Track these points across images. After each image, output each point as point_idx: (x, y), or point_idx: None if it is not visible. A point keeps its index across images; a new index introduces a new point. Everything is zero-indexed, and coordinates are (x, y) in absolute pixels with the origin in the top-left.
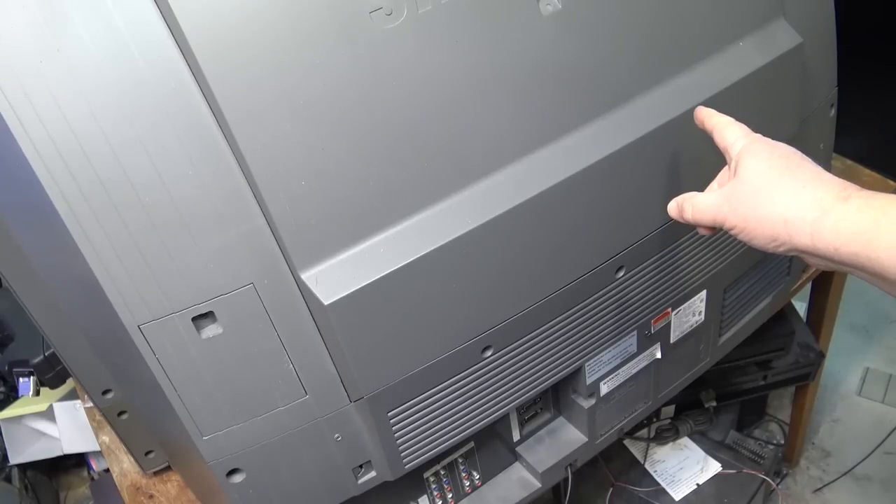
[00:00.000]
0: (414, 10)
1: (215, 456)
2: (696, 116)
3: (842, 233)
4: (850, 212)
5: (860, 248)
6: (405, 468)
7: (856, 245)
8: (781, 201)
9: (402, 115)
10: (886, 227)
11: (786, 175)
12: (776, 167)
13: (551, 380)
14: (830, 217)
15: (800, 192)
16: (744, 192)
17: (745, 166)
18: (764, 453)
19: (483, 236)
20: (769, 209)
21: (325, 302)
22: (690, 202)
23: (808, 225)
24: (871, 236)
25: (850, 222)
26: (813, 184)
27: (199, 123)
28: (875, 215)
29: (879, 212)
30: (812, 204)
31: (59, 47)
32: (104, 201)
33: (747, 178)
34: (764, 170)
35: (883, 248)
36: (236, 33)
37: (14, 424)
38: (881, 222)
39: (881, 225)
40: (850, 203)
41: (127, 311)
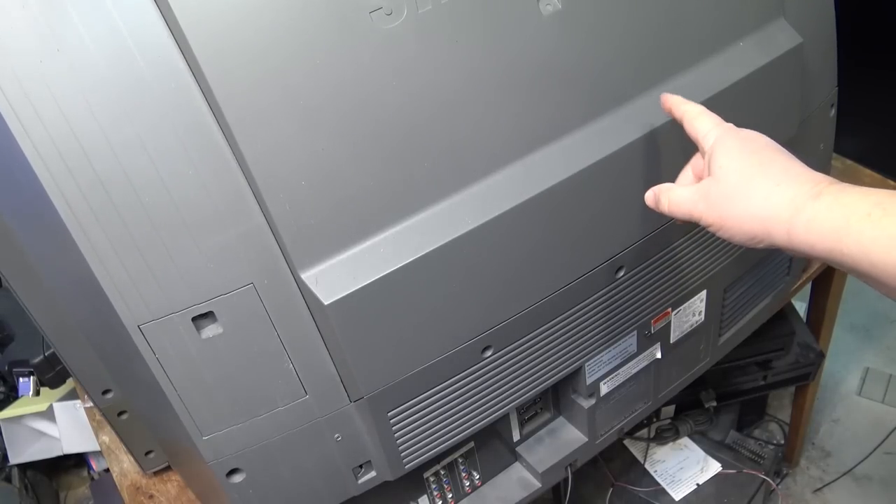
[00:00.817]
0: (414, 10)
1: (215, 456)
2: (663, 104)
3: (815, 231)
4: (821, 210)
5: (833, 244)
6: (405, 468)
7: (829, 242)
8: (756, 201)
9: (402, 115)
10: (856, 224)
11: (759, 173)
12: (749, 164)
13: (551, 380)
14: (804, 215)
15: (773, 190)
16: (719, 191)
17: (718, 164)
18: (764, 453)
19: (483, 236)
20: (745, 208)
21: (325, 302)
22: (667, 195)
23: (783, 223)
24: (842, 234)
25: (822, 220)
26: (786, 181)
27: (199, 123)
28: (845, 213)
29: (849, 209)
30: (786, 203)
31: (59, 47)
32: (104, 201)
33: (721, 177)
34: (737, 167)
35: (853, 245)
36: (236, 33)
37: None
38: (850, 220)
39: (850, 223)
40: (821, 201)
41: (127, 311)
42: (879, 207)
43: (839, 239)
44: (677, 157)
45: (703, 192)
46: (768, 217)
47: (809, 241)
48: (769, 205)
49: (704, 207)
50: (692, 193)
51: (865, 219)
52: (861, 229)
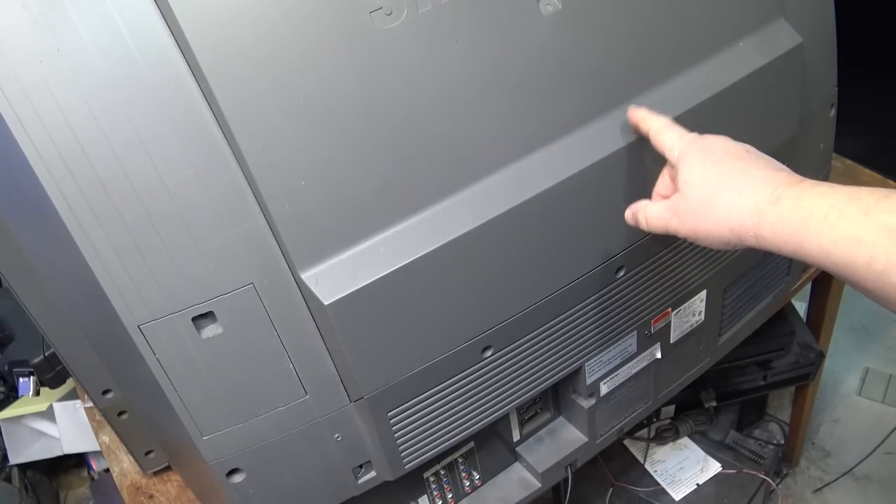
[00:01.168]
0: (414, 10)
1: (215, 456)
2: (630, 118)
3: (779, 235)
4: (782, 215)
5: (797, 247)
6: (405, 468)
7: (793, 245)
8: (721, 213)
9: (402, 115)
10: (815, 227)
11: (721, 184)
12: (710, 176)
13: (551, 380)
14: (767, 221)
15: (735, 200)
16: (687, 206)
17: (682, 180)
18: (764, 453)
19: (483, 236)
20: (713, 220)
21: (325, 302)
22: (644, 213)
23: (750, 230)
24: (803, 237)
25: (784, 224)
26: (747, 188)
27: (199, 123)
28: (804, 216)
29: (807, 212)
30: (749, 210)
31: (59, 47)
32: (104, 201)
33: (686, 193)
34: (699, 182)
35: (814, 248)
36: (236, 33)
37: (14, 424)
38: (809, 223)
39: (810, 226)
40: (781, 205)
41: (127, 311)
42: (836, 210)
43: (801, 242)
44: None
45: (672, 208)
46: (735, 226)
47: (776, 244)
48: (733, 215)
49: (677, 223)
50: (664, 210)
51: (823, 221)
52: (820, 231)
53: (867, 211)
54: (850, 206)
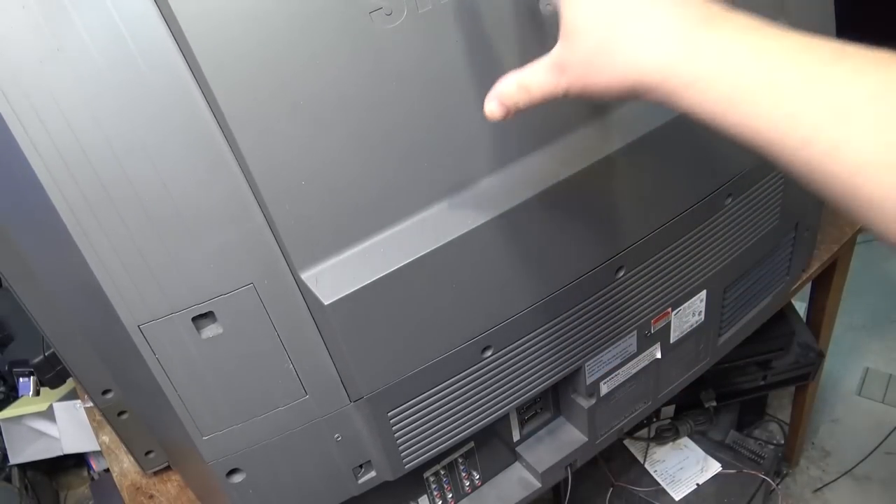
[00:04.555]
0: (414, 10)
1: (215, 456)
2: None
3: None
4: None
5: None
6: (405, 468)
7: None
8: (620, 63)
9: (403, 115)
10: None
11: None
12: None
13: (551, 380)
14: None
15: (638, 47)
16: (576, 58)
17: (569, 26)
18: (764, 453)
19: (483, 236)
20: (610, 73)
21: (325, 302)
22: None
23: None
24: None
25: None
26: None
27: (199, 123)
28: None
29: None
30: (655, 62)
31: (59, 47)
32: (104, 201)
33: (575, 41)
34: (590, 27)
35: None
36: (236, 33)
37: (14, 424)
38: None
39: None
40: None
41: (127, 311)
42: (774, 77)
43: (724, 112)
44: (678, 156)
45: (559, 64)
46: (637, 82)
47: (689, 108)
48: (634, 67)
49: (567, 82)
50: (548, 70)
51: (756, 92)
52: (754, 103)
53: (813, 80)
54: (791, 71)
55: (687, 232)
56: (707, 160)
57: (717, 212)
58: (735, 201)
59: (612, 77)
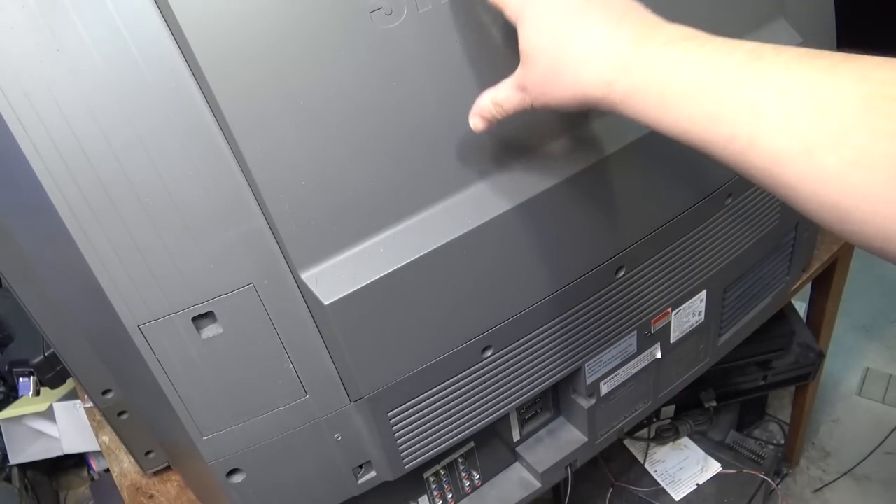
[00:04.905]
0: (414, 10)
1: (215, 456)
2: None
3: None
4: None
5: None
6: (405, 468)
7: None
8: (569, 82)
9: (403, 115)
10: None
11: (562, 52)
12: (551, 45)
13: (551, 380)
14: (618, 91)
15: (580, 69)
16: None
17: (523, 51)
18: (764, 453)
19: (483, 236)
20: (562, 90)
21: (325, 302)
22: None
23: (601, 99)
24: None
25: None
26: (590, 55)
27: (199, 123)
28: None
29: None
30: (596, 81)
31: (59, 47)
32: (104, 201)
33: (530, 65)
34: (539, 53)
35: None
36: (236, 33)
37: (14, 424)
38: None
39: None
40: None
41: (127, 311)
42: (694, 83)
43: (658, 117)
44: (678, 156)
45: (520, 84)
46: (585, 96)
47: (631, 115)
48: (581, 86)
49: (530, 98)
50: (514, 90)
51: (681, 96)
52: (679, 108)
53: (728, 83)
54: (710, 77)
55: (687, 232)
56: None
57: (717, 212)
58: (735, 201)
59: (564, 94)
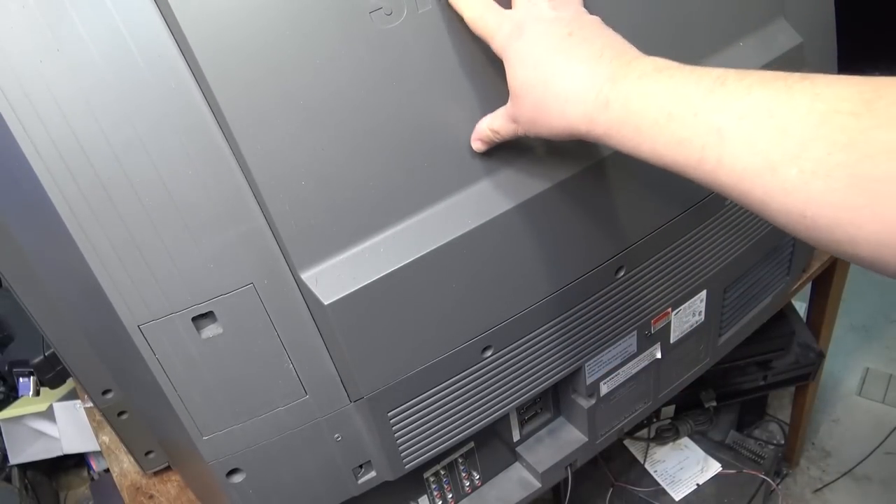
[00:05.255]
0: (414, 10)
1: (215, 456)
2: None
3: (614, 138)
4: (613, 120)
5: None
6: (405, 468)
7: (628, 147)
8: (555, 117)
9: (403, 115)
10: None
11: (547, 90)
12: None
13: (551, 380)
14: (599, 126)
15: (564, 106)
16: (522, 112)
17: (511, 86)
18: (764, 453)
19: (483, 236)
20: (549, 123)
21: (325, 302)
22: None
23: (585, 133)
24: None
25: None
26: (572, 93)
27: (199, 123)
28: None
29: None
30: (579, 116)
31: (59, 47)
32: (104, 201)
33: (518, 99)
34: (527, 90)
35: (647, 150)
36: (236, 33)
37: (14, 424)
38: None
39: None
40: (610, 110)
41: (127, 311)
42: (664, 113)
43: (636, 145)
44: None
45: (512, 115)
46: (571, 129)
47: (614, 146)
48: (566, 121)
49: (522, 129)
50: (507, 120)
51: (654, 126)
52: (653, 137)
53: (696, 111)
54: (679, 106)
55: (687, 232)
56: None
57: (717, 212)
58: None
59: (552, 128)
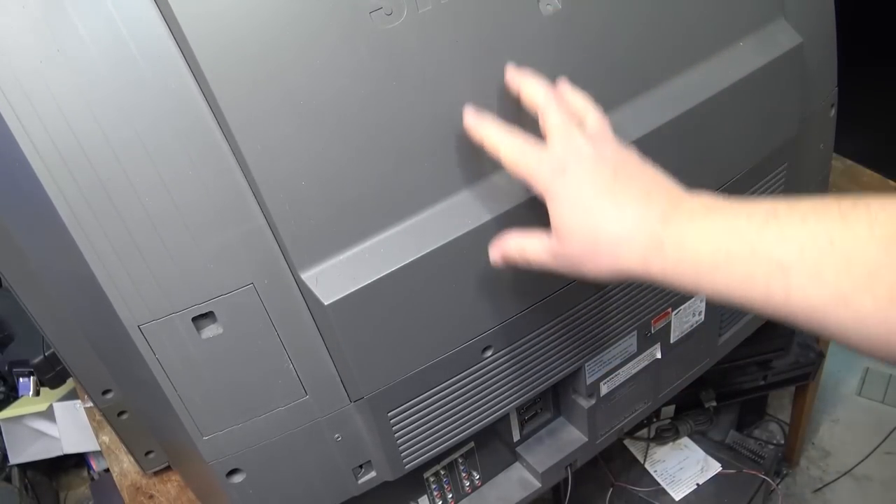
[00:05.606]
0: (414, 10)
1: (215, 456)
2: (470, 131)
3: (671, 278)
4: (669, 261)
5: (692, 288)
6: (405, 468)
7: (688, 286)
8: (605, 260)
9: (402, 115)
10: (706, 272)
11: (597, 234)
12: (585, 226)
13: (551, 380)
14: (655, 266)
15: (616, 249)
16: (567, 253)
17: (556, 226)
18: (764, 453)
19: (483, 236)
20: (598, 267)
21: (325, 302)
22: (521, 251)
23: (640, 274)
24: (697, 281)
25: (673, 270)
26: (625, 236)
27: (199, 123)
28: (693, 261)
29: (694, 256)
30: (633, 258)
31: (59, 47)
32: (104, 201)
33: (564, 241)
34: (574, 233)
35: (708, 289)
36: (236, 33)
37: (14, 424)
38: (699, 268)
39: (700, 271)
40: (665, 251)
41: (127, 311)
42: (722, 252)
43: (696, 285)
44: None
45: (552, 252)
46: (623, 271)
47: (670, 285)
48: (618, 263)
49: (562, 267)
50: (546, 254)
51: (713, 266)
52: (713, 276)
53: (753, 247)
54: (735, 244)
55: None
56: (705, 161)
57: None
58: None
59: (601, 270)
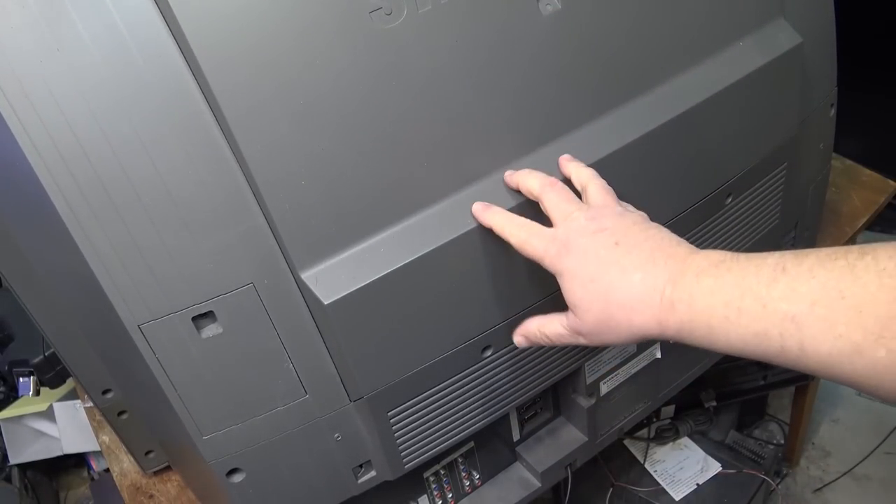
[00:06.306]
0: (414, 10)
1: (215, 456)
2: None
3: (686, 336)
4: (682, 321)
5: (707, 344)
6: (405, 468)
7: (703, 343)
8: (623, 328)
9: (402, 115)
10: (719, 328)
11: (610, 307)
12: (597, 300)
13: (551, 379)
14: (670, 328)
15: (631, 317)
16: (587, 328)
17: (571, 303)
18: (764, 453)
19: (483, 236)
20: (617, 335)
21: (325, 302)
22: (544, 331)
23: (657, 336)
24: (711, 337)
25: (688, 329)
26: (637, 304)
27: (199, 123)
28: (705, 319)
29: (706, 314)
30: (648, 324)
31: (59, 47)
32: (104, 201)
33: (581, 317)
34: (588, 307)
35: (722, 344)
36: (236, 33)
37: (14, 424)
38: (712, 325)
39: (713, 328)
40: (677, 311)
41: (127, 310)
42: (733, 308)
43: (711, 341)
44: (676, 156)
45: (574, 329)
46: (642, 336)
47: (687, 342)
48: (634, 330)
49: (585, 340)
50: (568, 332)
51: (725, 322)
52: (726, 332)
53: (764, 303)
54: (746, 300)
55: (687, 232)
56: (707, 160)
57: (717, 211)
58: (735, 201)
59: (619, 337)
